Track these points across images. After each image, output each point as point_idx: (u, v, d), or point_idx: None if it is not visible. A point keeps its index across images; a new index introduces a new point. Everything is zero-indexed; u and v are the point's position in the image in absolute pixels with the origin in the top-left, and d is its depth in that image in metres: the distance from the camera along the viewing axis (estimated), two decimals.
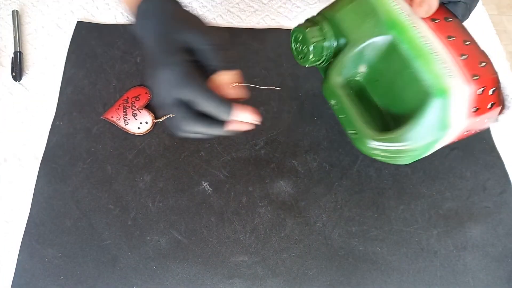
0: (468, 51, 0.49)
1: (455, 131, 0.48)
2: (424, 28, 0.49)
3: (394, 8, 0.50)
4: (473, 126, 0.50)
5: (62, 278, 0.54)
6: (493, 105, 0.48)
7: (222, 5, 0.79)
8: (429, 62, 0.47)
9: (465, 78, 0.47)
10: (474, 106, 0.47)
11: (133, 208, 0.58)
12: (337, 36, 0.53)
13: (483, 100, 0.48)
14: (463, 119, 0.47)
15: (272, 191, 0.60)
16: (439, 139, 0.48)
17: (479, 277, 0.56)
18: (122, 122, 0.64)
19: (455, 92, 0.46)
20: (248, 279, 0.55)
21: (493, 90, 0.48)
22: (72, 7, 0.77)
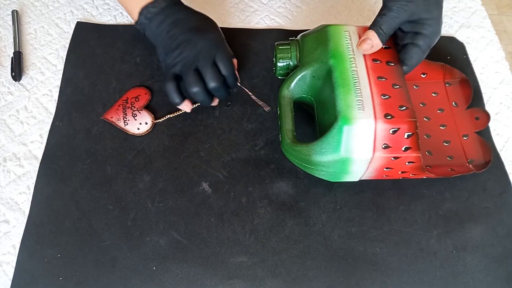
0: (392, 94, 0.54)
1: (363, 160, 0.53)
2: (360, 65, 0.56)
3: (343, 42, 0.57)
4: (391, 164, 0.55)
5: (61, 278, 0.54)
6: (408, 149, 0.52)
7: (222, 5, 0.79)
8: (347, 92, 0.53)
9: (376, 114, 0.52)
10: (383, 142, 0.52)
11: (133, 208, 0.58)
12: (300, 58, 0.61)
13: (396, 141, 0.53)
14: (368, 150, 0.52)
15: (271, 192, 0.60)
16: (346, 162, 0.54)
17: (479, 277, 0.56)
18: (121, 122, 0.64)
19: (359, 123, 0.51)
20: (247, 280, 0.54)
21: (409, 135, 0.52)
22: (72, 7, 0.77)
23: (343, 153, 0.52)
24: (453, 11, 0.81)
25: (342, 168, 0.55)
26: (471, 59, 0.74)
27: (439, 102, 0.58)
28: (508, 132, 0.67)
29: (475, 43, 0.77)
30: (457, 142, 0.63)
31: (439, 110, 0.66)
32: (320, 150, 0.54)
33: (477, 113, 0.66)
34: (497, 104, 0.70)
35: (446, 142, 0.63)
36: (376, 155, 0.52)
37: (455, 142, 0.63)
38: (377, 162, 0.54)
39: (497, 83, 0.72)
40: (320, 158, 0.54)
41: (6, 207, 0.58)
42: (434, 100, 0.53)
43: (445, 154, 0.62)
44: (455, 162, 0.62)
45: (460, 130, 0.64)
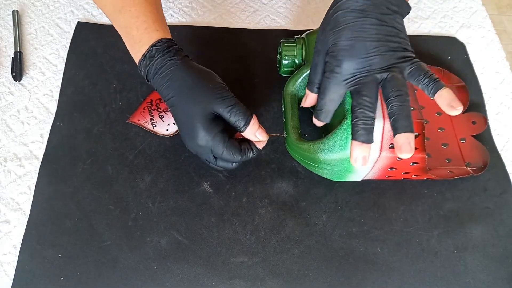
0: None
1: (369, 159, 0.51)
2: None
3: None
4: (396, 164, 0.55)
5: (62, 278, 0.54)
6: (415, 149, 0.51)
7: (222, 5, 0.79)
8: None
9: (384, 114, 0.51)
10: (390, 142, 0.52)
11: (134, 208, 0.58)
12: (306, 56, 0.62)
13: None
14: (375, 150, 0.52)
15: (272, 192, 0.60)
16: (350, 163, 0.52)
17: (479, 277, 0.56)
18: (149, 124, 0.64)
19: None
20: (248, 280, 0.54)
21: (415, 135, 0.50)
22: (73, 7, 0.77)
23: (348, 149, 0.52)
24: (453, 11, 0.81)
25: (347, 167, 0.55)
26: (471, 59, 0.74)
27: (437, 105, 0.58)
28: (508, 132, 0.68)
29: (476, 43, 0.77)
30: (454, 145, 0.64)
31: (437, 113, 0.66)
32: (327, 148, 0.54)
33: (474, 117, 0.67)
34: (498, 104, 0.70)
35: (444, 145, 0.63)
36: (382, 154, 0.52)
37: (453, 145, 0.64)
38: (383, 162, 0.54)
39: (498, 83, 0.72)
40: (327, 156, 0.54)
41: (7, 207, 0.58)
42: (432, 104, 0.53)
43: (444, 156, 0.62)
44: (453, 164, 0.62)
45: (458, 133, 0.65)
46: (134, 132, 0.64)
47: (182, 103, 0.53)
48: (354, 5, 0.50)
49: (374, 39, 0.49)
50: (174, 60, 0.53)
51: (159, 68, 0.53)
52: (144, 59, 0.54)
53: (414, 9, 0.81)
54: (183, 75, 0.53)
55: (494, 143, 0.66)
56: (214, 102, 0.52)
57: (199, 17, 0.77)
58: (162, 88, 0.53)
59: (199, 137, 0.52)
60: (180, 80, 0.53)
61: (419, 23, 0.79)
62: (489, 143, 0.66)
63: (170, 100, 0.53)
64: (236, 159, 0.54)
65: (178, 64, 0.53)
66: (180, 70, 0.53)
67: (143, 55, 0.54)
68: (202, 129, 0.52)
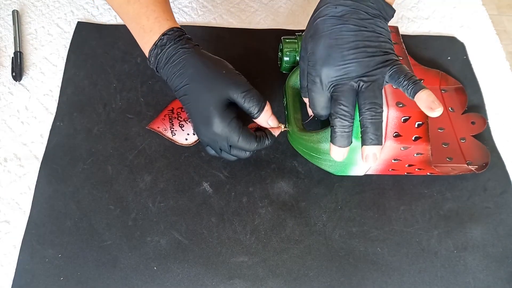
0: None
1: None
2: None
3: None
4: (400, 155, 0.55)
5: (62, 278, 0.54)
6: (418, 138, 0.52)
7: (222, 5, 0.79)
8: None
9: (388, 102, 0.52)
10: (394, 131, 0.52)
11: (134, 208, 0.58)
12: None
13: (407, 130, 0.53)
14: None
15: (272, 192, 0.60)
16: (355, 150, 0.53)
17: (479, 277, 0.56)
18: (169, 133, 0.64)
19: None
20: (248, 280, 0.54)
21: (420, 124, 0.52)
22: (73, 7, 0.77)
23: (354, 139, 0.52)
24: (453, 11, 0.81)
25: (350, 157, 0.54)
26: (471, 59, 0.74)
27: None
28: (508, 132, 0.68)
29: (475, 43, 0.77)
30: (455, 144, 0.64)
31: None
32: (329, 137, 0.53)
33: (473, 118, 0.67)
34: (497, 104, 0.70)
35: (444, 144, 0.64)
36: (387, 144, 0.52)
37: (453, 144, 0.64)
38: (387, 152, 0.54)
39: (498, 83, 0.72)
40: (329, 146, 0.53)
41: (7, 207, 0.58)
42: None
43: (445, 155, 0.62)
44: (454, 162, 0.62)
45: (458, 133, 0.65)
46: (134, 132, 0.64)
47: (195, 91, 0.52)
48: (333, 11, 0.50)
49: (352, 47, 0.49)
50: (186, 48, 0.53)
51: (170, 57, 0.53)
52: (155, 48, 0.54)
53: (414, 9, 0.81)
54: (196, 63, 0.53)
55: (494, 143, 0.66)
56: (228, 88, 0.52)
57: (199, 17, 0.77)
58: (174, 77, 0.53)
59: (215, 124, 0.52)
60: (193, 68, 0.52)
61: (419, 23, 0.79)
62: (489, 143, 0.66)
63: (182, 88, 0.53)
64: (252, 147, 0.54)
65: (191, 52, 0.53)
66: (192, 58, 0.53)
67: (154, 44, 0.54)
68: (217, 115, 0.52)
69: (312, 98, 0.53)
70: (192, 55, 0.53)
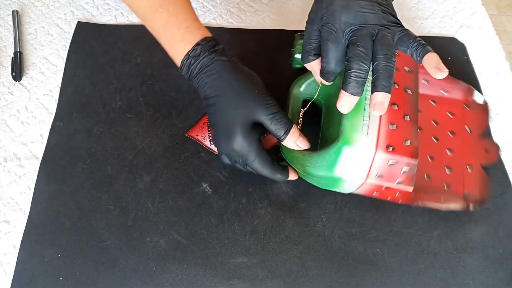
0: (400, 124, 0.52)
1: (354, 182, 0.53)
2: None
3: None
4: (381, 191, 0.54)
5: (61, 278, 0.54)
6: (400, 183, 0.51)
7: (222, 5, 0.79)
8: (356, 112, 0.51)
9: (378, 143, 0.50)
10: (378, 172, 0.51)
11: (133, 208, 0.58)
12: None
13: (391, 173, 0.51)
14: (361, 176, 0.52)
15: (272, 192, 0.60)
16: (337, 180, 0.53)
17: (479, 279, 0.56)
18: (207, 141, 0.63)
19: (359, 148, 0.50)
20: (247, 281, 0.54)
21: (405, 171, 0.50)
22: (72, 7, 0.77)
23: (337, 173, 0.52)
24: (453, 11, 0.81)
25: (333, 184, 0.55)
26: (471, 59, 0.74)
27: (453, 124, 0.56)
28: (508, 132, 0.67)
29: (475, 43, 0.77)
30: (459, 171, 0.59)
31: (450, 132, 0.61)
32: (315, 163, 0.54)
33: (488, 145, 0.63)
34: (497, 104, 0.70)
35: (448, 168, 0.59)
36: (368, 181, 0.52)
37: (456, 170, 0.59)
38: (368, 187, 0.53)
39: (497, 83, 0.72)
40: (314, 171, 0.54)
41: (7, 207, 0.58)
42: (447, 121, 0.52)
43: (444, 181, 0.58)
44: (451, 191, 0.58)
45: (466, 159, 0.60)
46: (134, 132, 0.64)
47: (225, 104, 0.53)
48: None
49: (368, 4, 0.50)
50: (222, 60, 0.53)
51: (204, 66, 0.53)
52: (187, 58, 0.53)
53: (414, 9, 0.81)
54: (230, 77, 0.53)
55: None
56: (257, 109, 0.52)
57: (199, 17, 0.76)
58: (206, 87, 0.53)
59: (236, 142, 0.53)
60: (227, 82, 0.53)
61: (419, 23, 0.79)
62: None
63: (212, 98, 0.53)
64: (264, 172, 0.55)
65: (226, 65, 0.53)
66: (227, 71, 0.53)
67: (186, 54, 0.53)
68: (240, 134, 0.52)
69: (327, 50, 0.51)
70: (227, 68, 0.53)
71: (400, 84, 0.54)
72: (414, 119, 0.53)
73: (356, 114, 0.51)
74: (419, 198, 0.56)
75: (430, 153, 0.58)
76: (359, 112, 0.52)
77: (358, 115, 0.51)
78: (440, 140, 0.59)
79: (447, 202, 0.57)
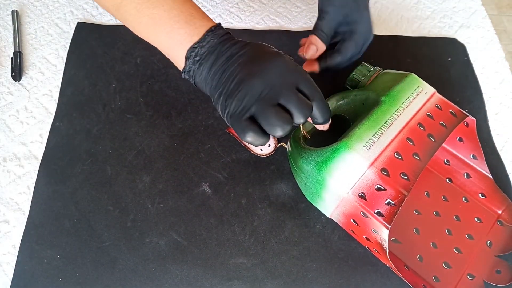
0: (406, 159, 0.50)
1: (335, 193, 0.51)
2: (403, 118, 0.53)
3: (408, 93, 0.55)
4: (358, 219, 0.51)
5: (61, 279, 0.54)
6: (380, 215, 0.48)
7: (221, 5, 0.79)
8: (370, 128, 0.51)
9: (375, 162, 0.49)
10: (362, 191, 0.49)
11: (133, 209, 0.58)
12: (367, 84, 0.62)
13: (374, 198, 0.48)
14: (344, 187, 0.50)
15: (271, 193, 0.60)
16: (321, 183, 0.51)
17: None
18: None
19: (354, 158, 0.49)
20: (247, 281, 0.54)
21: (389, 202, 0.48)
22: (72, 7, 0.77)
23: (324, 173, 0.50)
24: (453, 11, 0.81)
25: (316, 187, 0.53)
26: (471, 59, 0.74)
27: (476, 230, 0.54)
28: (508, 132, 0.67)
29: (475, 43, 0.77)
30: (457, 273, 0.56)
31: (468, 236, 0.58)
32: (309, 157, 0.52)
33: (502, 266, 0.56)
34: (497, 104, 0.70)
35: (446, 264, 0.56)
36: (349, 196, 0.49)
37: (456, 271, 0.56)
38: (346, 207, 0.51)
39: (497, 83, 0.72)
40: (304, 164, 0.52)
41: (6, 207, 0.58)
42: (472, 226, 0.52)
43: (435, 272, 0.56)
44: (453, 271, 0.56)
45: (471, 268, 0.56)
46: (133, 132, 0.64)
47: (259, 46, 0.49)
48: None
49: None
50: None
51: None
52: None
53: (414, 9, 0.81)
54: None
55: (494, 143, 0.66)
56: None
57: None
58: (234, 47, 0.49)
59: (282, 62, 0.47)
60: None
61: (418, 23, 0.79)
62: (489, 143, 0.66)
63: (244, 47, 0.49)
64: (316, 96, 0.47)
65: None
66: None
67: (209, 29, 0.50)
68: (284, 55, 0.48)
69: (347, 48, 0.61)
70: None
71: (427, 129, 0.52)
72: (423, 163, 0.50)
73: (370, 128, 0.51)
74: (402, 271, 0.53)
75: (435, 241, 0.57)
76: (374, 128, 0.51)
77: (371, 130, 0.51)
78: (453, 238, 0.58)
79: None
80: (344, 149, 0.50)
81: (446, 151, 0.61)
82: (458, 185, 0.61)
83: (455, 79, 0.71)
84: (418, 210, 0.59)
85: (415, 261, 0.56)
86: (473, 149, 0.59)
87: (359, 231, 0.53)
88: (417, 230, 0.58)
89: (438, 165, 0.62)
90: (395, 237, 0.57)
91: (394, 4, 0.81)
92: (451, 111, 0.54)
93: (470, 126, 0.57)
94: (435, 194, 0.60)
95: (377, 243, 0.51)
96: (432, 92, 0.55)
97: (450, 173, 0.61)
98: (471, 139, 0.58)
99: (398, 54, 0.63)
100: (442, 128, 0.53)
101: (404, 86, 0.55)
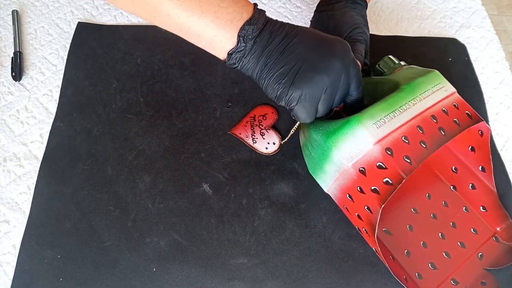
0: (413, 144, 0.50)
1: (337, 165, 0.51)
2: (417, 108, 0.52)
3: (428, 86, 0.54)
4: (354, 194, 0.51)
5: (61, 279, 0.54)
6: (375, 192, 0.48)
7: None
8: (384, 109, 0.51)
9: (381, 141, 0.49)
10: (363, 166, 0.49)
11: (133, 209, 0.58)
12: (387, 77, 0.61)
13: (373, 175, 0.49)
14: (348, 158, 0.50)
15: (272, 193, 0.60)
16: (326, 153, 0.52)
17: None
18: (250, 140, 0.64)
19: (362, 133, 0.49)
20: (248, 282, 0.54)
21: (387, 181, 0.48)
22: (72, 7, 0.77)
23: (331, 142, 0.51)
24: (453, 11, 0.81)
25: (320, 158, 0.53)
26: (471, 59, 0.74)
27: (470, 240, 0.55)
28: (508, 132, 0.68)
29: (475, 43, 0.77)
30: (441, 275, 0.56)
31: (460, 244, 0.58)
32: (319, 126, 0.52)
33: (488, 279, 0.56)
34: (497, 104, 0.70)
35: (432, 264, 0.56)
36: (350, 169, 0.50)
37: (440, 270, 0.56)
38: (345, 180, 0.52)
39: (497, 83, 0.72)
40: (314, 133, 0.53)
41: (7, 207, 0.58)
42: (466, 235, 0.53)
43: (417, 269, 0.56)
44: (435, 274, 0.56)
45: (457, 276, 0.56)
46: (134, 133, 0.64)
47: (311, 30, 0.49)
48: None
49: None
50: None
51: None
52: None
53: (414, 9, 0.81)
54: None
55: (494, 143, 0.66)
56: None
57: None
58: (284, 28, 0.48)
59: (343, 49, 0.49)
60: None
61: (418, 23, 0.79)
62: (490, 145, 0.65)
63: (294, 31, 0.48)
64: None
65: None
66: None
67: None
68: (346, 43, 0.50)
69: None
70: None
71: (439, 121, 0.52)
72: (429, 151, 0.50)
73: (384, 109, 0.51)
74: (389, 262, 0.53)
75: (426, 241, 0.58)
76: (388, 110, 0.51)
77: (385, 111, 0.51)
78: (446, 239, 0.58)
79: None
80: (354, 123, 0.50)
81: (456, 158, 0.61)
82: (461, 194, 0.61)
83: (455, 79, 0.71)
84: (416, 209, 0.60)
85: (402, 255, 0.56)
86: (483, 161, 0.59)
87: (353, 208, 0.53)
88: (410, 227, 0.58)
89: (445, 171, 0.62)
90: (387, 228, 0.57)
91: (394, 4, 0.81)
92: (467, 112, 0.54)
93: (484, 136, 0.56)
94: (436, 197, 0.60)
95: (368, 221, 0.51)
96: (452, 91, 0.55)
97: (455, 181, 0.61)
98: (483, 150, 0.58)
99: (398, 54, 0.63)
100: (455, 125, 0.52)
101: (425, 80, 0.55)
